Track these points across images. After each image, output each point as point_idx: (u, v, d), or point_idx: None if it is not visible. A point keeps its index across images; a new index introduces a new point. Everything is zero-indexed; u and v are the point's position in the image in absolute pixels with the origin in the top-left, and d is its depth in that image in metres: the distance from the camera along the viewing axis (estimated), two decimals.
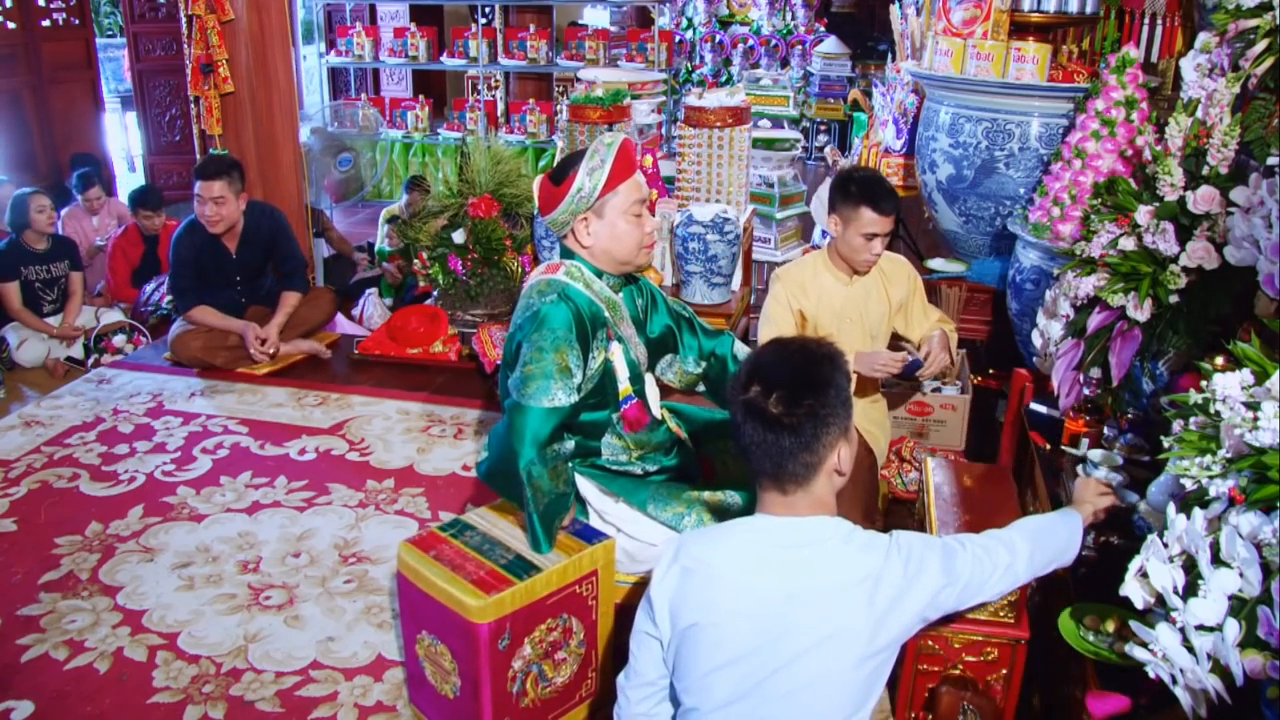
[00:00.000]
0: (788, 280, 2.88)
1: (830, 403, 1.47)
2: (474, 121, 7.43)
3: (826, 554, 1.49)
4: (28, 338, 4.37)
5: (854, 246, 2.74)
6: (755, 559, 1.51)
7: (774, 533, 1.52)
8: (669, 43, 7.52)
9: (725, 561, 1.52)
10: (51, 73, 6.43)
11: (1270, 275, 1.71)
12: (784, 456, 1.47)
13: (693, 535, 1.62)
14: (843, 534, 1.52)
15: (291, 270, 4.24)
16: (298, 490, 3.17)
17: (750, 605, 1.48)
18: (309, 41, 8.29)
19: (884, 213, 2.66)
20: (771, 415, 1.46)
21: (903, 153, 4.42)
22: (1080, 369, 2.24)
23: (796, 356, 1.52)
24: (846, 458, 1.52)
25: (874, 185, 2.70)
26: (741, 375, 1.53)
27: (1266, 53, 2.02)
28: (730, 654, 1.48)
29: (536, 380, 2.00)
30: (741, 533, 1.56)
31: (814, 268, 2.88)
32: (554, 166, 2.22)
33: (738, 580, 1.49)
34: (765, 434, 1.47)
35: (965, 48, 3.48)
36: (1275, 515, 1.33)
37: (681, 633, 1.53)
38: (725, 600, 1.49)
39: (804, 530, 1.51)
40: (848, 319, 2.84)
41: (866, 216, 2.67)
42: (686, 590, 1.53)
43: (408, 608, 2.09)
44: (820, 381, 1.48)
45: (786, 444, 1.47)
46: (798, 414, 1.45)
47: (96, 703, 2.24)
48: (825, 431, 1.47)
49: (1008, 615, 1.95)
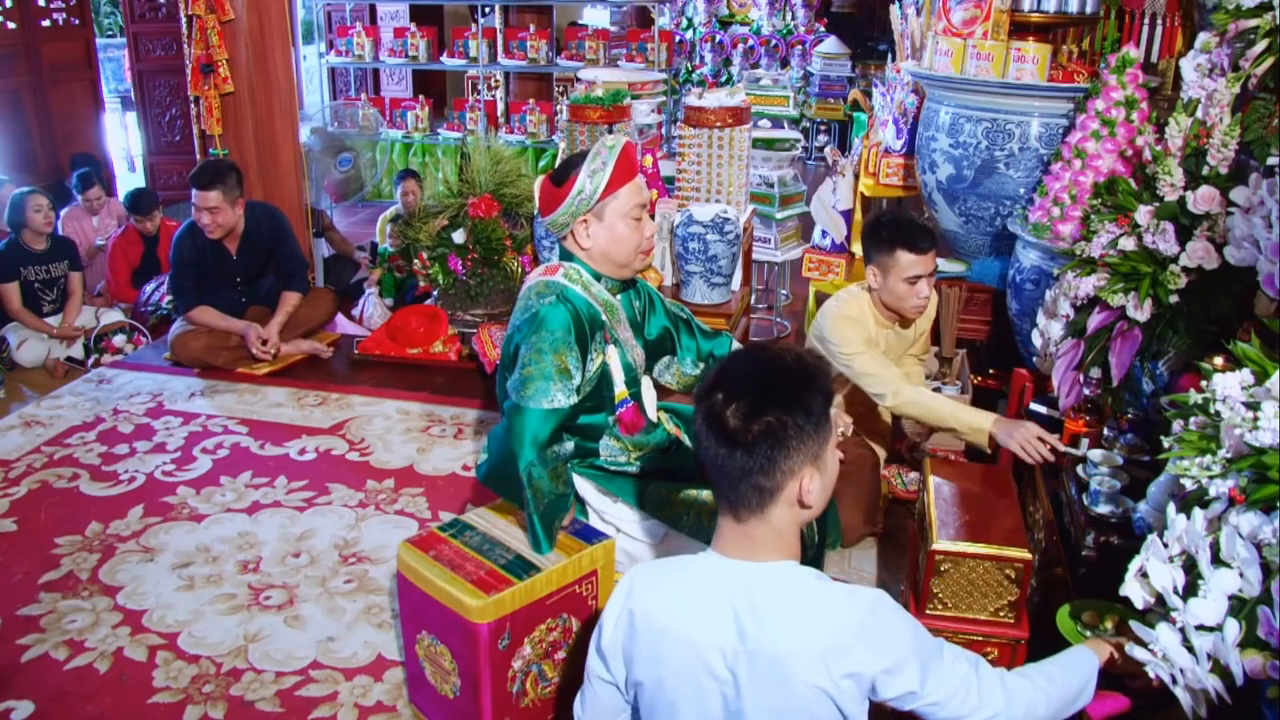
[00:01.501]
0: (846, 321, 2.64)
1: (796, 424, 1.28)
2: (474, 121, 7.43)
3: (786, 610, 1.30)
4: (28, 338, 4.37)
5: (899, 294, 2.60)
6: (703, 607, 1.33)
7: (727, 578, 1.34)
8: (669, 43, 7.52)
9: (670, 610, 1.35)
10: (51, 73, 6.42)
11: (1270, 275, 1.71)
12: (737, 477, 1.31)
13: (642, 575, 1.44)
14: (808, 590, 1.32)
15: (292, 271, 4.25)
16: (298, 490, 3.17)
17: (695, 662, 1.32)
18: (309, 41, 8.28)
19: (922, 251, 2.55)
20: (728, 428, 1.29)
21: (903, 153, 4.42)
22: (1080, 369, 2.24)
23: (769, 366, 1.34)
24: (815, 490, 1.33)
25: (906, 225, 2.58)
26: (708, 379, 1.36)
27: (1266, 53, 2.02)
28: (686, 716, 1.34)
29: (535, 382, 2.00)
30: (693, 573, 1.38)
31: (860, 309, 2.69)
32: (555, 168, 2.22)
33: (683, 631, 1.33)
34: (719, 447, 1.30)
35: (965, 48, 3.48)
36: (1275, 515, 1.33)
37: (635, 685, 1.41)
38: (672, 657, 1.34)
39: (762, 579, 1.33)
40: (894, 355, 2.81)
41: (905, 260, 2.55)
42: (635, 642, 1.39)
43: (408, 608, 2.09)
44: (788, 398, 1.30)
45: (739, 462, 1.29)
46: (754, 430, 1.28)
47: (96, 703, 2.24)
48: (785, 455, 1.29)
49: (1008, 615, 1.95)
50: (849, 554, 2.81)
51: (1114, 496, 2.05)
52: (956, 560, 1.93)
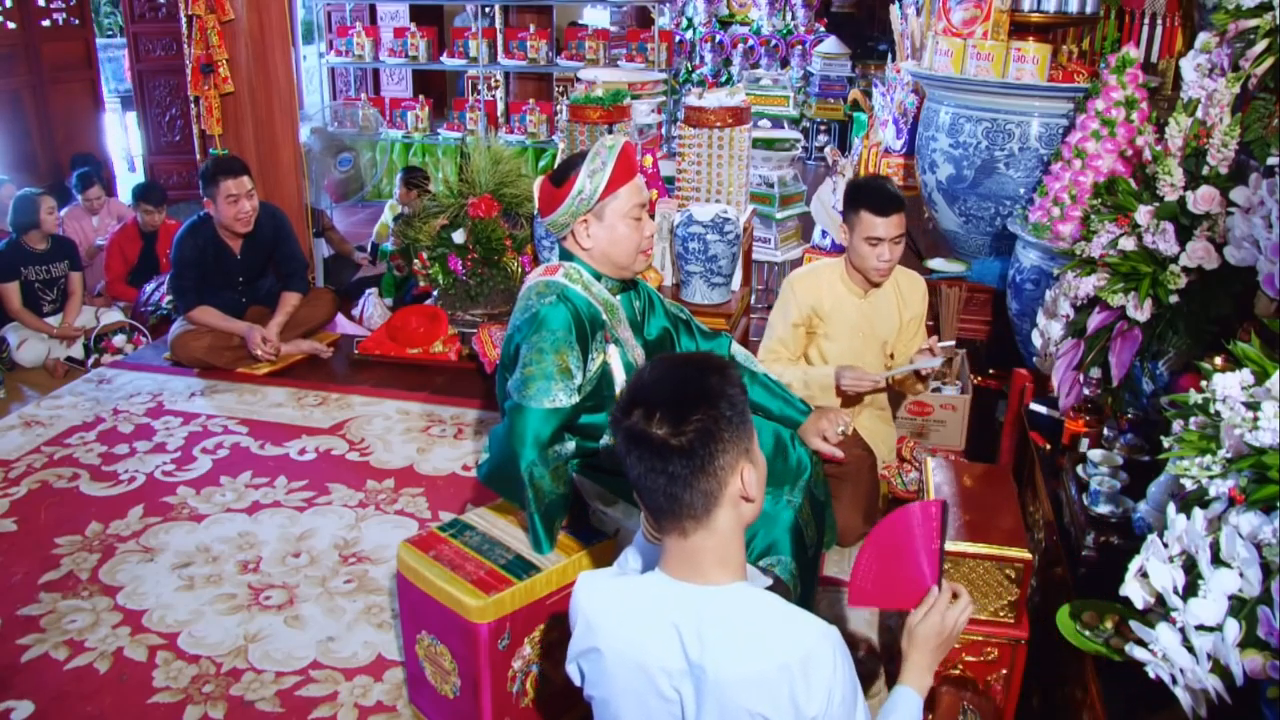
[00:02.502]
0: (800, 288, 2.86)
1: (723, 416, 1.26)
2: (474, 121, 7.43)
3: (731, 635, 1.27)
4: (28, 338, 4.38)
5: (861, 254, 2.73)
6: (649, 628, 1.30)
7: (673, 599, 1.31)
8: (669, 43, 7.52)
9: (617, 630, 1.33)
10: (51, 73, 6.43)
11: (1270, 275, 1.70)
12: (679, 486, 1.26)
13: (590, 585, 1.41)
14: (755, 615, 1.29)
15: (292, 271, 4.25)
16: (298, 490, 3.17)
17: (642, 683, 1.30)
18: (309, 41, 8.29)
19: (884, 214, 2.66)
20: (657, 439, 1.25)
21: (903, 153, 4.42)
22: (1080, 369, 2.24)
23: (680, 370, 1.31)
24: (753, 481, 1.31)
25: (876, 190, 2.70)
26: (622, 400, 1.31)
27: (1266, 53, 2.02)
28: None
29: (537, 381, 2.00)
30: (640, 593, 1.35)
31: (829, 277, 2.87)
32: (555, 168, 2.22)
33: (629, 652, 1.31)
34: (653, 462, 1.26)
35: (965, 48, 3.48)
36: (1275, 515, 1.33)
37: (589, 698, 1.40)
38: (620, 676, 1.33)
39: (710, 603, 1.29)
40: (860, 332, 2.84)
41: (867, 220, 2.68)
42: (586, 658, 1.37)
43: (408, 608, 2.09)
44: (709, 393, 1.27)
45: (679, 470, 1.25)
46: (686, 433, 1.24)
47: (96, 703, 2.24)
48: (721, 450, 1.26)
49: (1008, 615, 1.95)
50: (849, 553, 2.81)
51: (1114, 496, 2.05)
52: (956, 560, 1.93)
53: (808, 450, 2.36)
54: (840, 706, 1.27)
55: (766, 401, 2.43)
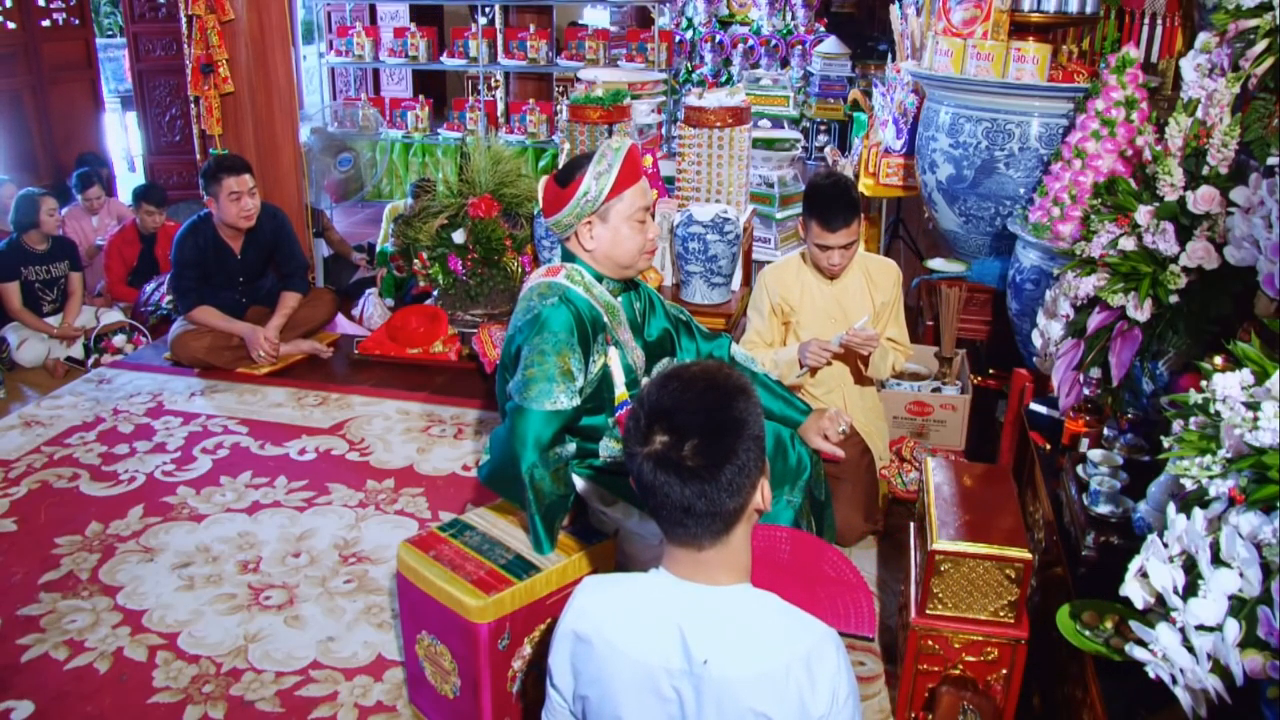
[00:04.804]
0: (771, 279, 2.93)
1: (751, 442, 1.29)
2: (474, 121, 7.42)
3: (733, 635, 1.29)
4: (28, 338, 4.38)
5: (814, 254, 2.81)
6: (651, 627, 1.32)
7: (677, 599, 1.33)
8: (669, 43, 7.51)
9: (618, 628, 1.34)
10: (51, 73, 6.42)
11: (1270, 275, 1.71)
12: (705, 511, 1.28)
13: (591, 590, 1.43)
14: (757, 616, 1.31)
15: (292, 271, 4.25)
16: (298, 490, 3.17)
17: (642, 681, 1.31)
18: (309, 41, 8.28)
19: (831, 230, 2.68)
20: (689, 468, 1.26)
21: (903, 153, 4.42)
22: (1080, 369, 2.24)
23: (705, 395, 1.30)
24: (768, 493, 1.36)
25: (830, 202, 2.67)
26: (640, 419, 1.31)
27: (1266, 53, 2.02)
28: None
29: (538, 383, 2.00)
30: (643, 592, 1.37)
31: (797, 265, 2.93)
32: (560, 169, 2.22)
33: (630, 650, 1.32)
34: (684, 488, 1.27)
35: (965, 48, 3.48)
36: (1275, 515, 1.33)
37: (581, 699, 1.40)
38: (620, 674, 1.33)
39: (713, 603, 1.31)
40: (831, 318, 2.86)
41: (815, 230, 2.73)
42: (581, 658, 1.38)
43: (408, 608, 2.09)
44: (734, 419, 1.28)
45: (710, 494, 1.27)
46: (723, 465, 1.26)
47: (96, 703, 2.24)
48: (749, 475, 1.29)
49: (1008, 615, 1.95)
50: (848, 553, 2.80)
51: (1114, 496, 2.05)
52: (956, 560, 1.93)
53: (808, 450, 2.37)
54: (844, 705, 1.28)
55: (768, 402, 2.43)
